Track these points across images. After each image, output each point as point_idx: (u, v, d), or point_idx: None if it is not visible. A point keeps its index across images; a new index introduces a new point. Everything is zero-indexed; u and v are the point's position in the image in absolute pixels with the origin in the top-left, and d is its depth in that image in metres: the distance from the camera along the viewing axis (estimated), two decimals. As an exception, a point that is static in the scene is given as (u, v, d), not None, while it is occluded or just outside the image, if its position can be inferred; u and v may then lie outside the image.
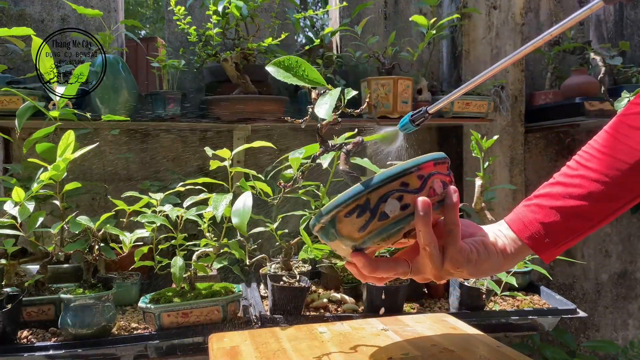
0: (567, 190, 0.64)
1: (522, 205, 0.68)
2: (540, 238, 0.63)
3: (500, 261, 0.65)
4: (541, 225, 0.63)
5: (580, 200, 0.62)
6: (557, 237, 0.63)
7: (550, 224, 0.63)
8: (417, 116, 0.70)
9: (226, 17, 1.52)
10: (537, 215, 0.64)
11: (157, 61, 1.60)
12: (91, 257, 1.11)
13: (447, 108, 1.81)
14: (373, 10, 2.03)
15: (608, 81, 2.01)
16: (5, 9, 1.69)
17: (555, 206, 0.63)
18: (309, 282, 1.23)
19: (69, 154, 1.02)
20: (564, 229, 0.62)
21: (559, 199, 0.63)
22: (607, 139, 0.66)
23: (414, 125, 0.70)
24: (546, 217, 0.63)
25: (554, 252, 0.64)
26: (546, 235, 0.63)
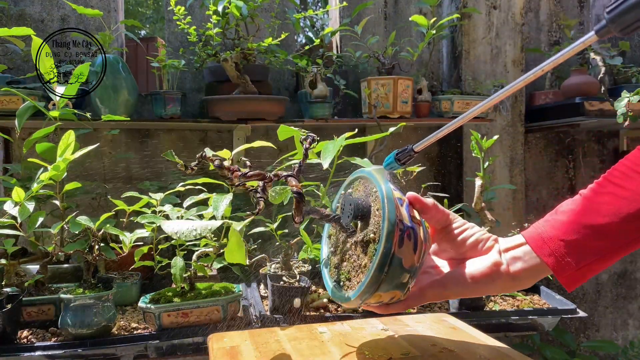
0: (594, 207, 0.58)
1: (542, 220, 0.63)
2: (560, 256, 0.58)
3: (508, 283, 0.62)
4: (562, 243, 0.58)
5: (607, 217, 0.56)
6: (579, 257, 0.57)
7: (573, 242, 0.57)
8: (403, 155, 0.68)
9: (226, 17, 1.52)
10: (558, 232, 0.58)
11: (157, 61, 1.60)
12: (91, 257, 1.11)
13: (447, 108, 1.81)
14: (373, 10, 2.03)
15: (608, 81, 2.01)
16: (5, 9, 1.69)
17: (579, 222, 0.57)
18: (309, 282, 1.23)
19: (69, 154, 1.02)
20: (587, 248, 0.57)
21: (583, 215, 0.58)
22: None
23: (399, 164, 0.69)
24: (568, 234, 0.58)
25: (575, 276, 0.58)
26: (567, 254, 0.57)
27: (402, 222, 0.59)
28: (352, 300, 0.62)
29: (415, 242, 0.60)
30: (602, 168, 2.30)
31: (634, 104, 1.33)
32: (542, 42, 2.23)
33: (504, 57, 2.04)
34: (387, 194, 0.60)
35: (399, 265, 0.58)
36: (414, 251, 0.60)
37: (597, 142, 2.30)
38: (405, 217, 0.60)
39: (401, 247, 0.58)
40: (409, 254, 0.59)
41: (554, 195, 2.23)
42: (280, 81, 1.96)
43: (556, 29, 2.24)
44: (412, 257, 0.60)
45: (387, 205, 0.59)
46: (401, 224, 0.59)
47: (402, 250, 0.58)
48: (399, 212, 0.59)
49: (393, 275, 0.59)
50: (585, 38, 0.53)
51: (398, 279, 0.59)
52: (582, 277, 0.58)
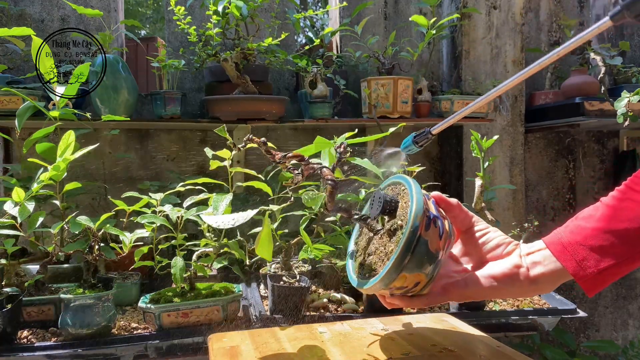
0: (615, 212, 0.58)
1: (562, 226, 0.63)
2: (580, 261, 0.58)
3: (528, 287, 0.63)
4: (582, 247, 0.58)
5: (628, 223, 0.56)
6: (599, 262, 0.57)
7: (593, 247, 0.58)
8: (420, 137, 0.70)
9: (226, 17, 1.52)
10: (578, 237, 0.59)
11: (157, 61, 1.60)
12: (91, 257, 1.11)
13: (447, 108, 1.81)
14: (373, 10, 2.03)
15: (608, 81, 2.01)
16: (5, 9, 1.69)
17: (600, 228, 0.58)
18: (309, 282, 1.23)
19: (69, 154, 1.02)
20: (607, 253, 0.57)
21: (604, 220, 0.58)
22: None
23: (417, 146, 0.70)
24: (588, 239, 0.58)
25: (596, 280, 0.58)
26: (587, 258, 0.58)
27: (428, 210, 0.62)
28: (377, 281, 0.62)
29: (441, 230, 0.62)
30: (602, 168, 2.30)
31: (634, 104, 1.33)
32: (542, 42, 2.23)
33: (504, 57, 2.04)
34: (416, 187, 0.63)
35: (425, 247, 0.60)
36: (439, 237, 0.62)
37: (597, 142, 2.30)
38: (431, 208, 0.63)
39: (427, 230, 0.61)
40: (435, 238, 0.61)
41: (554, 195, 2.23)
42: (280, 81, 1.96)
43: (556, 29, 2.24)
44: (438, 242, 0.61)
45: (415, 194, 0.62)
46: (428, 212, 0.61)
47: (428, 233, 0.61)
48: (426, 202, 0.62)
49: (419, 256, 0.60)
50: (600, 23, 0.54)
51: (423, 261, 0.61)
52: (602, 281, 0.58)
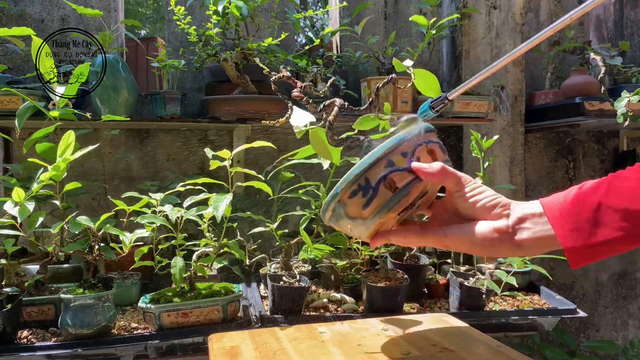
0: (618, 189, 0.56)
1: (564, 192, 0.62)
2: (572, 230, 0.57)
3: (512, 250, 0.62)
4: (579, 218, 0.57)
5: (629, 201, 0.55)
6: (592, 236, 0.56)
7: (590, 220, 0.56)
8: (437, 102, 0.70)
9: (226, 17, 1.52)
10: (577, 207, 0.58)
11: (157, 61, 1.60)
12: (91, 257, 1.11)
13: (447, 108, 1.81)
14: (373, 10, 2.03)
15: (608, 81, 2.01)
16: (5, 9, 1.69)
17: (602, 202, 0.57)
18: (309, 282, 1.23)
19: (69, 154, 1.02)
20: (605, 229, 0.56)
21: (605, 195, 0.57)
22: None
23: (434, 111, 0.70)
24: (587, 211, 0.57)
25: (586, 254, 0.57)
26: (581, 229, 0.57)
27: (396, 159, 0.62)
28: (337, 192, 0.64)
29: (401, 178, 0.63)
30: (602, 168, 2.30)
31: (634, 104, 1.33)
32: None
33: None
34: (389, 143, 0.62)
35: (343, 209, 0.64)
36: (400, 182, 0.62)
37: (597, 142, 2.30)
38: (406, 155, 0.63)
39: (352, 198, 0.63)
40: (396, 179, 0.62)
41: (554, 195, 2.22)
42: (280, 81, 1.96)
43: (556, 29, 2.23)
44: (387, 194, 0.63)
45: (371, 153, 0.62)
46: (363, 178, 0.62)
47: (352, 200, 0.63)
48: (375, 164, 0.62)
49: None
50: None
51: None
52: (591, 256, 0.57)
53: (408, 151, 0.62)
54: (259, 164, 1.88)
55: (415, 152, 0.63)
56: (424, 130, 0.64)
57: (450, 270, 1.34)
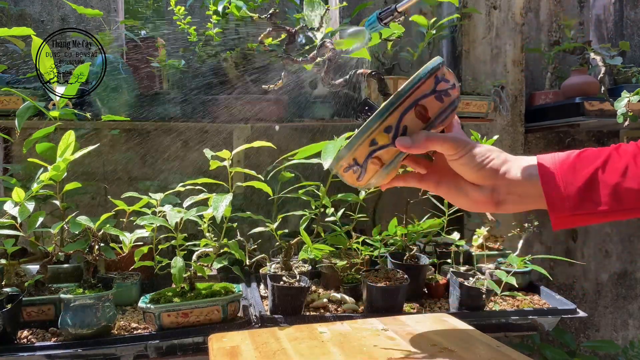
0: (619, 165, 0.58)
1: (564, 155, 0.64)
2: (560, 200, 0.59)
3: (490, 209, 0.67)
4: (571, 186, 0.59)
5: (631, 181, 0.57)
6: (579, 206, 0.58)
7: (581, 189, 0.58)
8: (385, 14, 0.67)
9: (226, 17, 1.52)
10: (573, 177, 0.60)
11: (157, 61, 1.60)
12: (91, 257, 1.11)
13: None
14: (373, 10, 2.03)
15: (608, 81, 2.01)
16: (5, 9, 1.69)
17: (593, 173, 0.59)
18: (309, 282, 1.23)
19: (69, 154, 1.02)
20: (593, 201, 0.58)
21: (606, 169, 0.59)
22: None
23: (382, 24, 0.68)
24: (580, 180, 0.59)
25: (567, 221, 0.60)
26: (567, 198, 0.59)
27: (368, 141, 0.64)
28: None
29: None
30: (602, 168, 2.30)
31: (634, 104, 1.33)
32: (542, 42, 2.23)
33: (504, 57, 2.04)
34: (385, 107, 0.62)
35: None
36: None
37: (597, 142, 2.30)
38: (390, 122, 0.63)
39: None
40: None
41: (554, 195, 2.22)
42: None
43: (556, 29, 2.24)
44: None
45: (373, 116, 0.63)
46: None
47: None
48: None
49: None
50: None
51: None
52: (572, 222, 0.61)
53: (392, 125, 0.62)
54: (259, 163, 1.88)
55: (401, 123, 0.62)
56: (413, 86, 0.62)
57: (450, 270, 1.34)
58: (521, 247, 1.52)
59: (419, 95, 0.62)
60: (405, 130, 0.63)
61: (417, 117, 0.63)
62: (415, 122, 0.63)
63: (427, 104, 0.63)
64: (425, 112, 0.63)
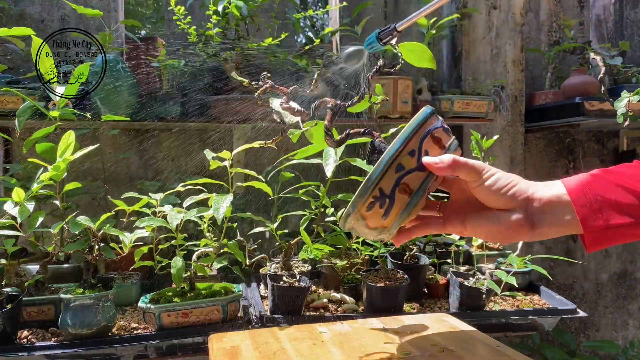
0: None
1: (586, 173, 0.61)
2: (595, 211, 0.57)
3: (525, 238, 0.62)
4: (601, 199, 0.57)
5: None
6: (612, 217, 0.56)
7: (611, 202, 0.56)
8: (385, 33, 0.67)
9: (226, 17, 1.53)
10: (600, 189, 0.57)
11: (157, 61, 1.60)
12: (91, 257, 1.11)
13: (447, 108, 1.81)
14: (373, 10, 2.03)
15: (608, 81, 2.01)
16: (5, 9, 1.69)
17: (623, 185, 0.57)
18: (309, 282, 1.23)
19: (69, 154, 1.02)
20: (625, 212, 0.56)
21: (631, 178, 0.57)
22: None
23: (382, 43, 0.68)
24: (609, 193, 0.57)
25: (601, 236, 0.57)
26: (602, 210, 0.56)
27: (405, 160, 0.61)
28: (347, 216, 0.64)
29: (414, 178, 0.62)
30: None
31: (634, 104, 1.33)
32: (542, 42, 2.23)
33: (504, 57, 2.04)
34: (392, 148, 0.60)
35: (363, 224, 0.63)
36: (414, 183, 0.62)
37: (597, 142, 2.31)
38: (414, 152, 0.61)
39: (370, 210, 0.62)
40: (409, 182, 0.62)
41: (554, 195, 2.22)
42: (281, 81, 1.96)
43: (556, 29, 2.24)
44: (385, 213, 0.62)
45: (381, 159, 0.61)
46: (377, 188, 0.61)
47: (369, 214, 0.62)
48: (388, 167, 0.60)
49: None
50: None
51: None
52: (607, 239, 0.57)
53: (415, 149, 0.61)
54: (259, 163, 1.88)
55: (422, 147, 0.61)
56: (426, 117, 0.62)
57: (450, 270, 1.34)
58: (521, 247, 1.52)
59: (431, 125, 0.62)
60: (427, 154, 0.62)
61: (435, 143, 0.63)
62: (433, 147, 0.63)
63: (439, 133, 0.63)
64: (440, 140, 0.63)
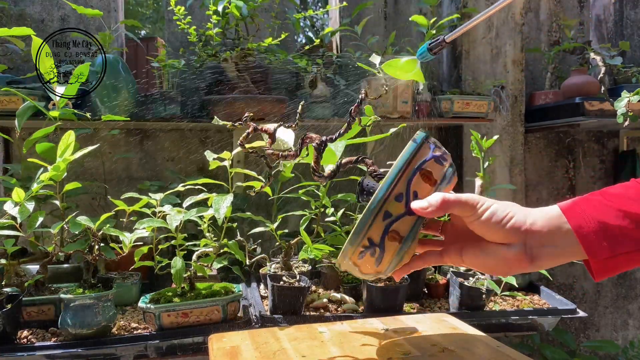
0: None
1: (583, 197, 0.59)
2: (597, 240, 0.54)
3: (524, 269, 0.60)
4: (603, 226, 0.54)
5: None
6: (617, 246, 0.53)
7: (614, 228, 0.54)
8: (435, 44, 0.70)
9: (226, 17, 1.53)
10: (600, 215, 0.55)
11: (157, 61, 1.60)
12: (91, 257, 1.11)
13: (447, 108, 1.81)
14: (373, 10, 2.03)
15: (608, 81, 2.01)
16: (5, 9, 1.69)
17: (626, 210, 0.54)
18: (309, 282, 1.23)
19: (69, 154, 1.02)
20: (628, 238, 0.53)
21: (633, 203, 0.54)
22: None
23: (432, 54, 0.71)
24: (611, 219, 0.54)
25: (608, 265, 0.55)
26: (606, 238, 0.54)
27: (390, 207, 0.59)
28: (340, 254, 0.63)
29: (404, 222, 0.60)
30: (602, 168, 2.30)
31: (634, 104, 1.33)
32: (542, 42, 2.23)
33: (504, 57, 2.04)
34: (390, 175, 0.59)
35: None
36: (405, 228, 0.60)
37: (597, 142, 2.30)
38: (401, 195, 0.60)
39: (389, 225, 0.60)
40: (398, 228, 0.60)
41: (554, 195, 2.23)
42: (281, 81, 1.96)
43: (556, 29, 2.24)
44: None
45: (383, 183, 0.59)
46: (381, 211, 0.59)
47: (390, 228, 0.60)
48: (386, 196, 0.59)
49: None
50: None
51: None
52: (614, 267, 0.55)
53: (402, 192, 0.59)
54: (259, 163, 1.88)
55: (410, 189, 0.60)
56: (413, 152, 0.60)
57: (450, 270, 1.34)
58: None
59: (420, 160, 0.60)
60: (416, 195, 0.60)
61: (424, 180, 0.61)
62: (423, 186, 0.60)
63: (430, 167, 0.61)
64: (430, 175, 0.61)
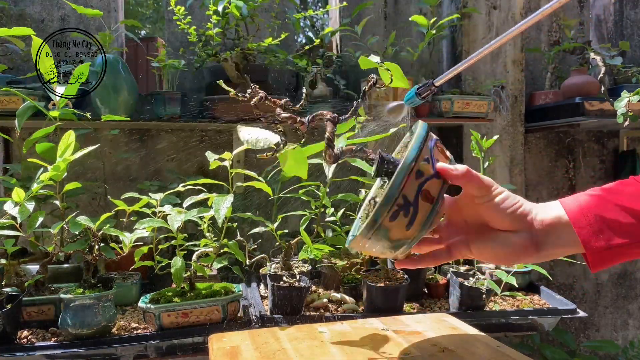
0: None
1: (583, 193, 0.61)
2: (595, 232, 0.56)
3: (530, 260, 0.62)
4: (600, 219, 0.57)
5: None
6: (613, 237, 0.56)
7: (611, 221, 0.56)
8: (424, 89, 0.70)
9: (226, 17, 1.52)
10: (598, 208, 0.57)
11: (157, 61, 1.60)
12: (91, 257, 1.11)
13: (447, 108, 1.81)
14: (373, 10, 2.03)
15: (608, 81, 2.01)
16: (5, 9, 1.69)
17: (624, 205, 0.56)
18: (309, 282, 1.23)
19: (69, 154, 1.02)
20: (625, 232, 0.55)
21: (631, 198, 0.56)
22: None
23: (420, 98, 0.70)
24: (608, 212, 0.56)
25: (604, 256, 0.57)
26: (602, 230, 0.56)
27: (423, 166, 0.59)
28: (353, 238, 0.63)
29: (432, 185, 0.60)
30: (602, 168, 2.30)
31: (634, 104, 1.33)
32: (542, 42, 2.23)
33: (504, 57, 2.04)
34: (415, 144, 0.59)
35: (386, 231, 0.59)
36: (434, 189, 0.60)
37: (597, 142, 2.30)
38: (428, 160, 0.60)
39: (394, 220, 0.58)
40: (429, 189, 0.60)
41: (554, 195, 2.23)
42: (280, 81, 1.96)
43: (556, 29, 2.24)
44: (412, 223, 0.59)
45: (405, 156, 0.58)
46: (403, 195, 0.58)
47: (393, 223, 0.59)
48: (411, 172, 0.58)
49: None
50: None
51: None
52: (610, 258, 0.57)
53: (428, 156, 0.60)
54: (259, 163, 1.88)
55: (433, 156, 0.61)
56: (427, 128, 0.62)
57: (450, 270, 1.34)
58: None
59: (433, 137, 0.62)
60: (437, 163, 0.61)
61: (441, 152, 0.62)
62: (441, 156, 0.62)
63: (441, 145, 0.63)
64: (444, 151, 0.63)
